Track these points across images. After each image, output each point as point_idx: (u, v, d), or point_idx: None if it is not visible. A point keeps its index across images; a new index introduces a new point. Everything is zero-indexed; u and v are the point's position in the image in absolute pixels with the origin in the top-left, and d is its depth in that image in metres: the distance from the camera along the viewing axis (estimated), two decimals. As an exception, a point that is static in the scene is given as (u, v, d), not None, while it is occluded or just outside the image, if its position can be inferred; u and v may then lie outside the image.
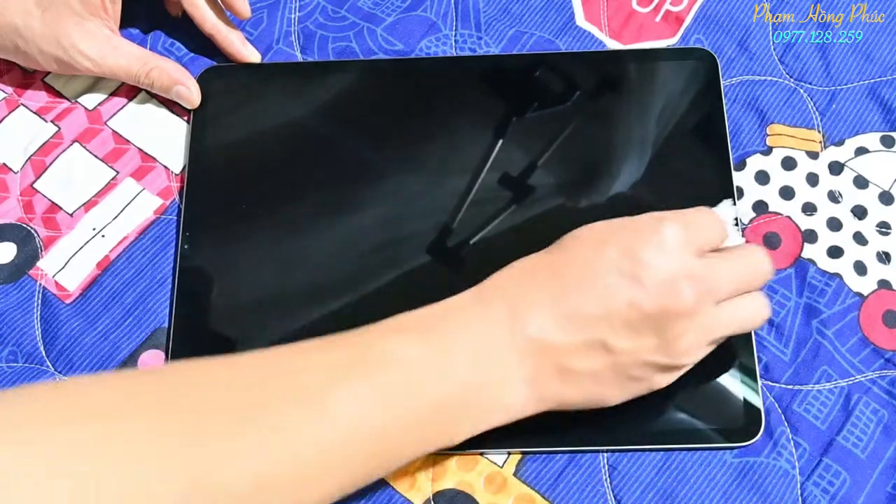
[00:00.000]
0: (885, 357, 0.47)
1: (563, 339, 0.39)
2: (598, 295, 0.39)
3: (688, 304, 0.39)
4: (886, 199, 0.51)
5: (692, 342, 0.40)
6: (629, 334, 0.39)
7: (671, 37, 0.56)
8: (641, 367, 0.40)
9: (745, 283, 0.42)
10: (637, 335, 0.39)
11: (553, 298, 0.40)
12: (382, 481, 0.45)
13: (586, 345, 0.39)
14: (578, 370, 0.40)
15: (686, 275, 0.39)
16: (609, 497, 0.45)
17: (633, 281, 0.39)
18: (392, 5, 0.57)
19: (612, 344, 0.39)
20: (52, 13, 0.51)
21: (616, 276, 0.39)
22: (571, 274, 0.40)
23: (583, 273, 0.40)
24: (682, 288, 0.39)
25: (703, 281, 0.40)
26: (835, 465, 0.45)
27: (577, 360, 0.39)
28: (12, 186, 0.53)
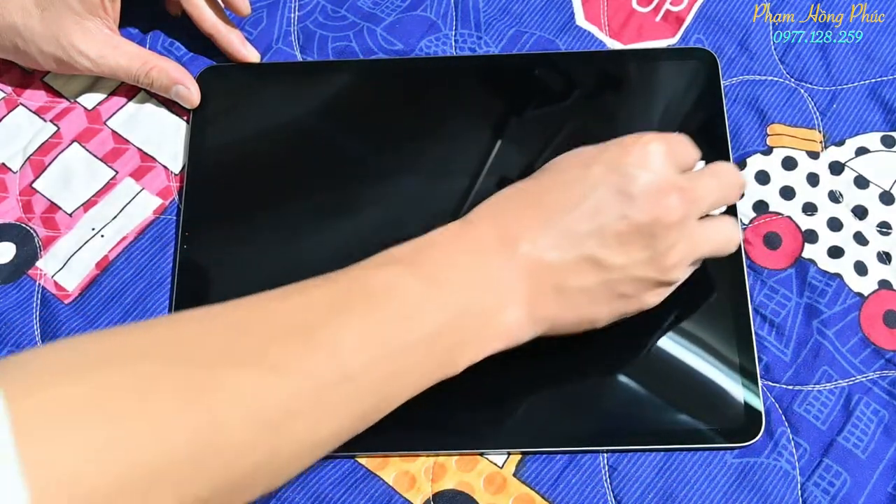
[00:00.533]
0: (886, 357, 0.47)
1: (557, 258, 0.40)
2: (588, 212, 0.40)
3: (676, 214, 0.40)
4: (887, 199, 0.51)
5: (680, 256, 0.41)
6: (621, 249, 0.40)
7: (671, 37, 0.56)
8: (633, 282, 0.41)
9: (724, 195, 0.43)
10: (628, 250, 0.40)
11: (543, 219, 0.40)
12: (381, 481, 0.45)
13: (579, 262, 0.40)
14: (572, 288, 0.40)
15: (672, 186, 0.40)
16: (609, 497, 0.44)
17: (621, 195, 0.40)
18: (392, 5, 0.57)
19: (604, 259, 0.40)
20: (51, 13, 0.51)
21: (604, 191, 0.40)
22: (559, 195, 0.41)
23: (571, 193, 0.40)
24: (671, 199, 0.40)
25: (688, 192, 0.41)
26: (835, 465, 0.45)
27: (571, 278, 0.40)
28: (11, 186, 0.53)
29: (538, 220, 0.40)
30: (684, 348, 0.47)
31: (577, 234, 0.40)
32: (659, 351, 0.47)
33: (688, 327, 0.47)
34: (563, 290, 0.40)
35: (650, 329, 0.47)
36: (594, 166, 0.41)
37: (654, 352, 0.47)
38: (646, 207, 0.40)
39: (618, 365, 0.47)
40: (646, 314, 0.47)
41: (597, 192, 0.40)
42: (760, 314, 0.48)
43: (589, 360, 0.47)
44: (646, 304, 0.42)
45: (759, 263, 0.49)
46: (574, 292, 0.40)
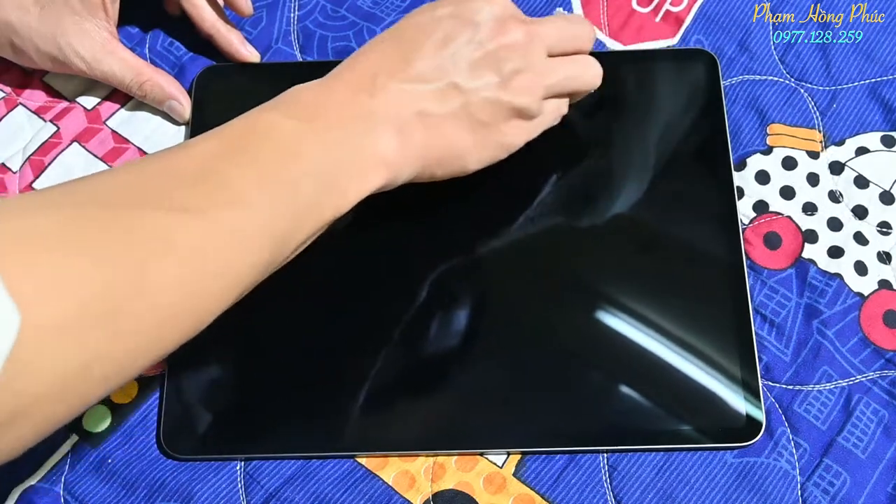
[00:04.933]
0: (886, 357, 0.47)
1: (415, 87, 0.43)
2: (439, 42, 0.43)
3: (518, 39, 0.44)
4: (887, 199, 0.51)
5: (528, 81, 0.44)
6: (472, 73, 0.43)
7: (671, 37, 0.56)
8: (488, 106, 0.44)
9: (570, 38, 0.47)
10: (479, 73, 0.43)
11: (398, 56, 0.43)
12: (381, 481, 0.45)
13: (439, 88, 0.43)
14: (434, 113, 0.43)
15: (514, 17, 0.45)
16: (609, 497, 0.44)
17: (466, 23, 0.44)
18: (392, 5, 0.57)
19: (459, 83, 0.43)
20: (50, 11, 0.51)
21: (452, 23, 0.44)
22: (411, 35, 0.44)
23: (422, 31, 0.44)
24: (513, 26, 0.44)
25: (529, 24, 0.45)
26: (835, 465, 0.45)
27: (431, 103, 0.43)
28: (11, 186, 0.52)
29: (394, 58, 0.43)
30: (684, 348, 0.47)
31: (432, 64, 0.43)
32: (659, 351, 0.47)
33: (688, 327, 0.47)
34: (427, 115, 0.43)
35: (650, 329, 0.47)
36: (440, 8, 0.45)
37: (654, 352, 0.47)
38: (490, 34, 0.44)
39: (618, 365, 0.47)
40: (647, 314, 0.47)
41: (445, 25, 0.44)
42: (760, 314, 0.48)
43: (589, 360, 0.47)
44: (507, 139, 0.45)
45: (759, 263, 0.49)
46: (437, 117, 0.43)
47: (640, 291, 0.48)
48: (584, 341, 0.47)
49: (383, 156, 0.42)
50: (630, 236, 0.50)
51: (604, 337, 0.47)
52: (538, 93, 0.45)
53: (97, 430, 0.47)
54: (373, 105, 0.42)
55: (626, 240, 0.50)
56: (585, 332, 0.47)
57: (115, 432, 0.47)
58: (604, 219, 0.50)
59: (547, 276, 0.49)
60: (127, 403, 0.48)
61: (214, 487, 0.45)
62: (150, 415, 0.47)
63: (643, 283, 0.48)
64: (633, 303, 0.48)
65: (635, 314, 0.47)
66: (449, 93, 0.43)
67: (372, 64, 0.43)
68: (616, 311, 0.48)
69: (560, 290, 0.49)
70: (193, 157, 0.39)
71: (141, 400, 0.48)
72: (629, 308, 0.48)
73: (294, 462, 0.46)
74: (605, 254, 0.49)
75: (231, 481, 0.45)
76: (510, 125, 0.45)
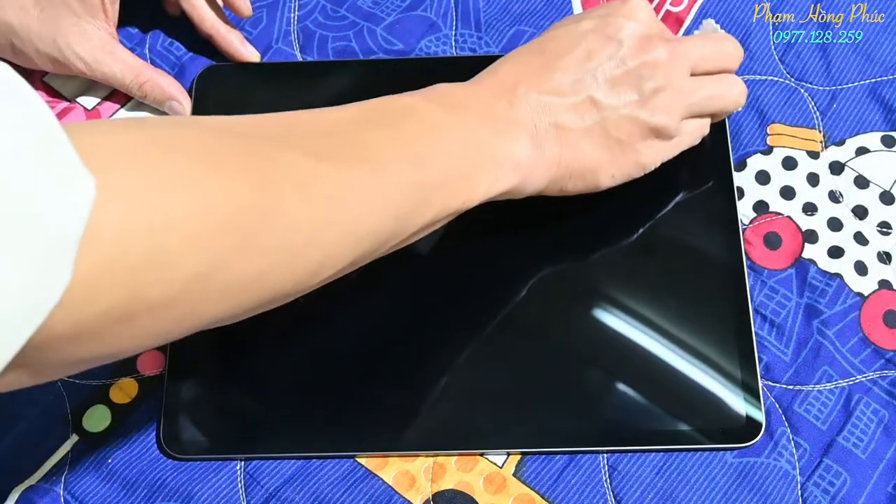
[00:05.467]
0: (886, 357, 0.47)
1: (554, 99, 0.43)
2: (581, 56, 0.43)
3: (661, 57, 0.43)
4: (887, 199, 0.51)
5: (668, 100, 0.43)
6: (612, 90, 0.43)
7: (671, 36, 0.56)
8: (626, 124, 0.43)
9: (716, 58, 0.46)
10: (619, 91, 0.43)
11: (539, 66, 0.43)
12: (381, 481, 0.45)
13: (577, 102, 0.43)
14: (570, 126, 0.43)
15: (658, 35, 0.44)
16: (609, 497, 0.44)
17: (609, 39, 0.43)
18: (392, 5, 0.57)
19: (598, 98, 0.43)
20: (49, 13, 0.51)
21: (594, 38, 0.44)
22: (554, 47, 0.44)
23: (564, 43, 0.44)
24: (656, 44, 0.44)
25: (673, 41, 0.44)
26: (835, 465, 0.45)
27: (569, 116, 0.43)
28: (11, 186, 0.52)
29: (535, 68, 0.43)
30: (684, 348, 0.47)
31: (572, 78, 0.43)
32: (659, 351, 0.47)
33: (688, 327, 0.47)
34: (564, 128, 0.43)
35: (650, 329, 0.47)
36: (584, 21, 0.45)
37: (655, 352, 0.47)
38: (633, 51, 0.43)
39: (618, 365, 0.47)
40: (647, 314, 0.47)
41: (588, 39, 0.44)
42: (760, 314, 0.48)
43: (589, 360, 0.47)
44: (643, 158, 0.44)
45: (759, 263, 0.49)
46: (572, 131, 0.43)
47: (640, 292, 0.48)
48: (585, 341, 0.47)
49: (517, 159, 0.42)
50: (630, 237, 0.50)
51: (604, 337, 0.47)
52: (678, 112, 0.44)
53: (97, 430, 0.47)
54: (511, 112, 0.42)
55: (626, 240, 0.50)
56: (586, 332, 0.47)
57: (116, 432, 0.47)
58: (603, 219, 0.50)
59: (547, 277, 0.49)
60: (127, 403, 0.48)
61: (214, 487, 0.45)
62: (150, 415, 0.47)
63: (643, 284, 0.48)
64: (634, 303, 0.48)
65: (635, 314, 0.47)
66: (587, 107, 0.43)
67: (514, 73, 0.43)
68: (616, 311, 0.48)
69: (560, 291, 0.49)
70: (334, 117, 0.40)
71: (141, 400, 0.48)
72: (629, 308, 0.48)
73: (294, 462, 0.46)
74: (605, 254, 0.49)
75: (231, 481, 0.45)
76: (647, 144, 0.44)
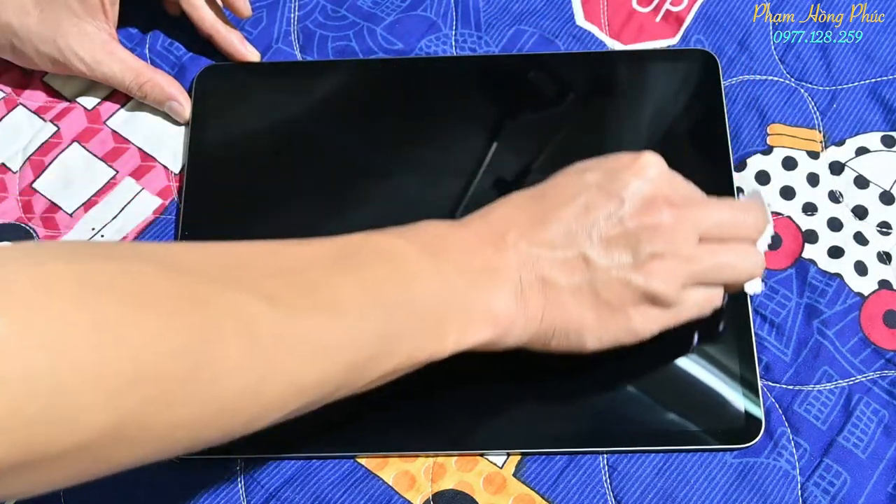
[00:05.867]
0: (886, 357, 0.47)
1: (545, 252, 0.40)
2: (579, 210, 0.41)
3: (664, 223, 0.40)
4: (887, 199, 0.51)
5: (666, 267, 0.40)
6: (607, 251, 0.40)
7: (671, 37, 0.56)
8: (617, 286, 0.40)
9: (731, 226, 0.42)
10: (614, 252, 0.40)
11: (534, 216, 0.41)
12: (381, 481, 0.45)
13: (567, 258, 0.40)
14: (559, 283, 0.40)
15: (665, 199, 0.41)
16: (609, 497, 0.44)
17: (611, 196, 0.41)
18: (392, 4, 0.57)
19: (590, 257, 0.40)
20: (49, 13, 0.51)
21: (596, 192, 0.41)
22: (552, 196, 0.42)
23: (564, 193, 0.41)
24: (660, 207, 0.40)
25: (682, 208, 0.41)
26: (835, 465, 0.45)
27: (558, 272, 0.40)
28: (11, 186, 0.53)
29: (530, 216, 0.41)
30: (684, 349, 0.47)
31: (566, 231, 0.40)
32: (659, 352, 0.47)
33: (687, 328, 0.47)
34: (550, 283, 0.40)
35: (650, 329, 0.47)
36: (590, 172, 0.42)
37: (654, 352, 0.47)
38: (634, 212, 0.40)
39: (617, 366, 0.47)
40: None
41: (589, 192, 0.41)
42: (760, 314, 0.48)
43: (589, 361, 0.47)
44: (634, 324, 0.41)
45: (759, 263, 0.49)
46: (560, 288, 0.40)
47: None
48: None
49: (495, 312, 0.39)
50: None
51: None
52: (677, 280, 0.41)
53: (97, 430, 0.47)
54: (497, 261, 0.40)
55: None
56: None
57: (116, 432, 0.47)
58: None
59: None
60: (127, 403, 0.48)
61: (214, 487, 0.45)
62: (151, 415, 0.47)
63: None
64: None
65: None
66: (578, 264, 0.40)
67: (508, 218, 0.41)
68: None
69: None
70: (297, 253, 0.37)
71: (141, 400, 0.48)
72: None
73: (294, 462, 0.46)
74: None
75: (231, 481, 0.45)
76: (640, 310, 0.41)
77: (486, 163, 0.51)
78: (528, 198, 0.42)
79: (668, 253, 0.40)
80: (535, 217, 0.41)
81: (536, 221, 0.41)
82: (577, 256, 0.40)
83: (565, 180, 0.42)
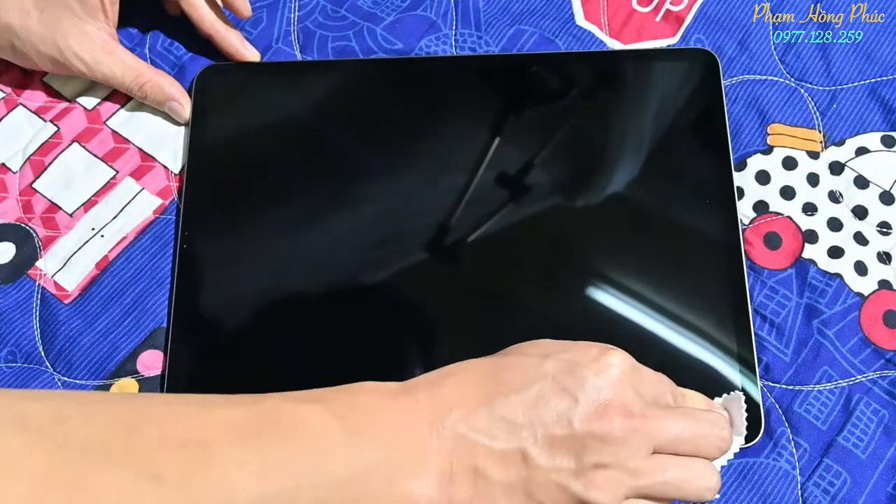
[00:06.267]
0: (886, 357, 0.47)
1: (484, 441, 0.37)
2: (529, 401, 0.38)
3: (615, 434, 0.37)
4: (887, 199, 0.51)
5: (610, 478, 0.37)
6: (550, 451, 0.37)
7: (671, 36, 0.56)
8: (555, 491, 0.37)
9: (690, 441, 0.39)
10: (557, 454, 0.37)
11: (482, 397, 0.38)
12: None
13: (506, 452, 0.37)
14: (491, 477, 0.37)
15: (621, 405, 0.38)
16: (609, 497, 0.44)
17: (565, 394, 0.38)
18: (392, 4, 0.57)
19: (531, 455, 0.37)
20: (49, 14, 0.51)
21: (551, 385, 0.38)
22: (506, 377, 0.38)
23: (518, 379, 0.38)
24: (613, 416, 0.37)
25: (637, 418, 0.38)
26: (835, 465, 0.45)
27: (492, 466, 0.37)
28: (11, 186, 0.52)
29: (477, 397, 0.38)
30: (684, 349, 0.47)
31: (511, 422, 0.37)
32: (659, 351, 0.47)
33: (688, 328, 0.47)
34: (483, 476, 0.37)
35: (650, 329, 0.47)
36: (550, 360, 0.39)
37: (654, 352, 0.47)
38: (585, 416, 0.37)
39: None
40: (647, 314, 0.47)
41: (543, 383, 0.38)
42: (760, 314, 0.48)
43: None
44: None
45: (759, 263, 0.49)
46: (493, 483, 0.37)
47: (639, 292, 0.48)
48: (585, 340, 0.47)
49: (414, 498, 0.37)
50: (629, 236, 0.50)
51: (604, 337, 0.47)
52: (619, 493, 0.37)
53: (97, 430, 0.47)
54: (428, 442, 0.37)
55: (626, 240, 0.50)
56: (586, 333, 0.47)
57: (116, 432, 0.47)
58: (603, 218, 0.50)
59: (547, 279, 0.49)
60: (127, 404, 0.48)
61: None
62: (151, 415, 0.47)
63: (643, 284, 0.48)
64: (633, 303, 0.48)
65: (635, 315, 0.47)
66: (516, 460, 0.37)
67: (456, 394, 0.38)
68: (616, 312, 0.48)
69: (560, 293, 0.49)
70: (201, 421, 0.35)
71: (141, 400, 0.48)
72: (629, 309, 0.48)
73: (294, 462, 0.46)
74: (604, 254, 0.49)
75: (231, 481, 0.45)
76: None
77: (486, 162, 0.51)
78: (484, 373, 0.39)
79: (614, 464, 0.37)
80: (482, 398, 0.38)
81: (483, 403, 0.37)
82: (516, 451, 0.37)
83: (524, 362, 0.39)
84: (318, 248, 0.50)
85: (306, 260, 0.50)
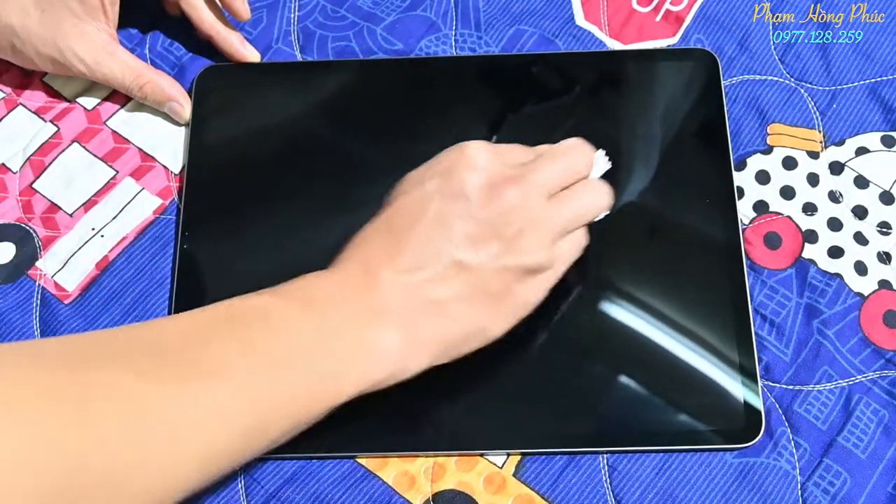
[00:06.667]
0: (886, 357, 0.47)
1: (420, 275, 0.40)
2: (431, 223, 0.41)
3: (513, 201, 0.41)
4: (887, 199, 0.51)
5: (532, 238, 0.42)
6: (473, 246, 0.41)
7: (671, 36, 0.56)
8: (498, 275, 0.41)
9: (570, 171, 0.44)
10: (481, 246, 0.41)
11: (396, 243, 0.41)
12: (381, 481, 0.45)
13: (440, 272, 0.41)
14: (445, 298, 0.41)
15: (502, 177, 0.42)
16: (609, 497, 0.44)
17: (456, 197, 0.41)
18: (392, 5, 0.57)
19: (463, 260, 0.41)
20: (50, 14, 0.51)
21: (439, 200, 0.41)
22: (404, 215, 0.42)
23: (413, 213, 0.42)
24: (502, 190, 0.41)
25: (521, 180, 0.42)
26: (835, 465, 0.45)
27: (440, 288, 0.41)
28: (11, 186, 0.53)
29: (392, 245, 0.41)
30: (684, 349, 0.47)
31: (428, 248, 0.41)
32: (659, 351, 0.47)
33: (688, 328, 0.47)
34: (437, 302, 0.41)
35: (650, 329, 0.47)
36: (427, 181, 0.42)
37: (654, 352, 0.47)
38: (481, 202, 0.41)
39: (618, 366, 0.47)
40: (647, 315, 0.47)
41: (435, 203, 0.41)
42: (760, 314, 0.48)
43: (589, 360, 0.47)
44: (524, 297, 0.43)
45: (759, 263, 0.49)
46: (449, 302, 0.41)
47: (639, 292, 0.48)
48: (585, 342, 0.47)
49: (385, 349, 0.40)
50: (629, 236, 0.50)
51: (604, 337, 0.47)
52: (546, 244, 0.42)
53: (97, 430, 0.47)
54: (377, 300, 0.40)
55: (626, 240, 0.50)
56: (586, 332, 0.47)
57: (116, 432, 0.47)
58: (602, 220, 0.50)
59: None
60: (127, 404, 0.48)
61: (214, 487, 0.45)
62: (151, 415, 0.47)
63: (642, 284, 0.48)
64: (633, 303, 0.48)
65: (635, 314, 0.47)
66: (454, 273, 0.41)
67: (370, 256, 0.41)
68: (616, 311, 0.48)
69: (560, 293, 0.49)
70: (172, 328, 0.38)
71: (141, 400, 0.48)
72: (629, 309, 0.48)
73: (294, 462, 0.46)
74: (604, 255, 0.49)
75: (231, 481, 0.45)
76: (524, 285, 0.42)
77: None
78: (377, 231, 0.42)
79: (528, 225, 0.41)
80: (393, 247, 0.41)
81: (397, 250, 0.41)
82: (450, 266, 0.41)
83: (409, 196, 0.42)
84: (318, 247, 0.50)
85: (306, 260, 0.50)
